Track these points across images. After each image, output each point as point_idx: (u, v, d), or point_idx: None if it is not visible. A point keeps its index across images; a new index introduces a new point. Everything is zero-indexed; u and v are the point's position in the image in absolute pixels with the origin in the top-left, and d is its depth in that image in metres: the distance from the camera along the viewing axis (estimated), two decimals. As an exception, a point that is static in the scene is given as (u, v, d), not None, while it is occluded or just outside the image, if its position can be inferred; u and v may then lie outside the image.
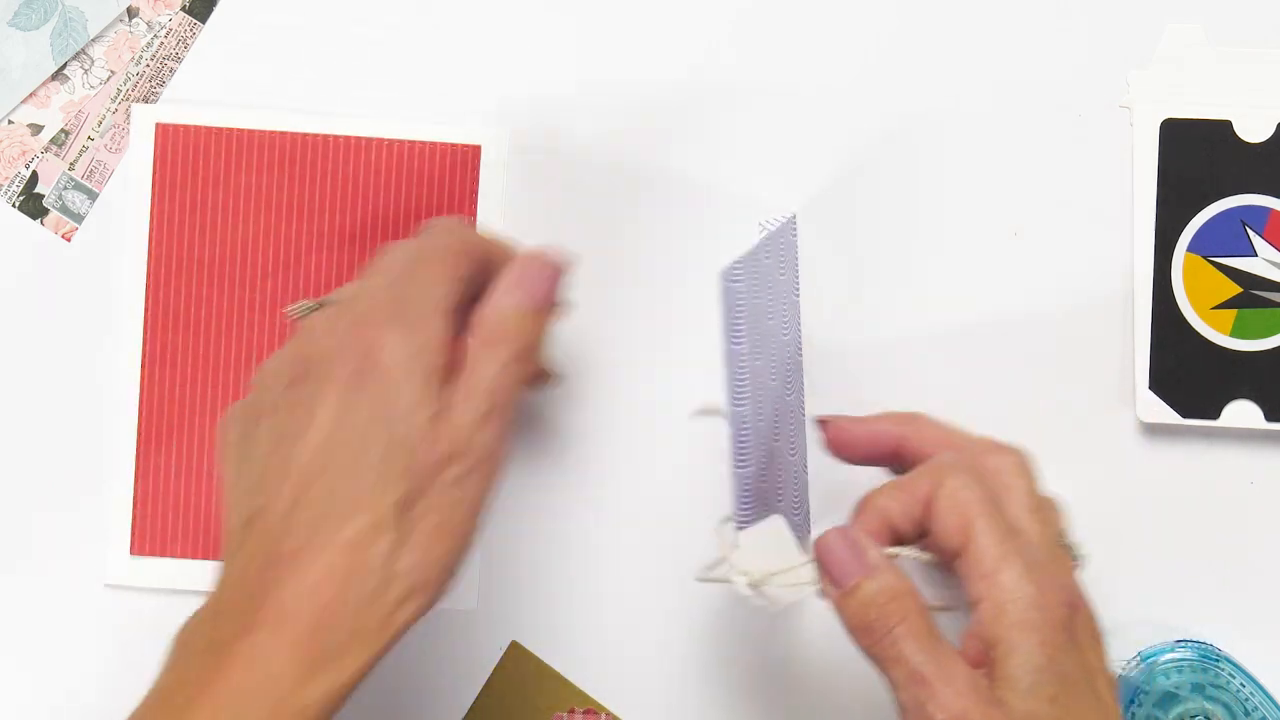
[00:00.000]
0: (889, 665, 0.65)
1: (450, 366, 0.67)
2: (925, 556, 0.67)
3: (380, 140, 0.79)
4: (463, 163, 0.79)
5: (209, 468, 0.78)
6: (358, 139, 0.78)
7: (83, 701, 0.78)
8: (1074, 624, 0.65)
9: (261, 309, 0.78)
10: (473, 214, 0.79)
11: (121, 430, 0.78)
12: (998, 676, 0.64)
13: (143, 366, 0.78)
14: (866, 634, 0.66)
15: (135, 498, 0.78)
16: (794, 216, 0.75)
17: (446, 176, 0.79)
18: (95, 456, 0.79)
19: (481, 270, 0.70)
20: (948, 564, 0.67)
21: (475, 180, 0.79)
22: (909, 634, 0.65)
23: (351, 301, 0.69)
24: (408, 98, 0.79)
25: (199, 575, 0.78)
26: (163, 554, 0.78)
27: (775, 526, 0.68)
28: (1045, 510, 0.68)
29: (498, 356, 0.68)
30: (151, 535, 0.78)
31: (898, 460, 0.71)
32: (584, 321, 0.77)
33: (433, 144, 0.79)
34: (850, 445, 0.72)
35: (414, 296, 0.67)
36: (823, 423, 0.73)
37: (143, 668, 0.78)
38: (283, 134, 0.78)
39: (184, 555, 0.79)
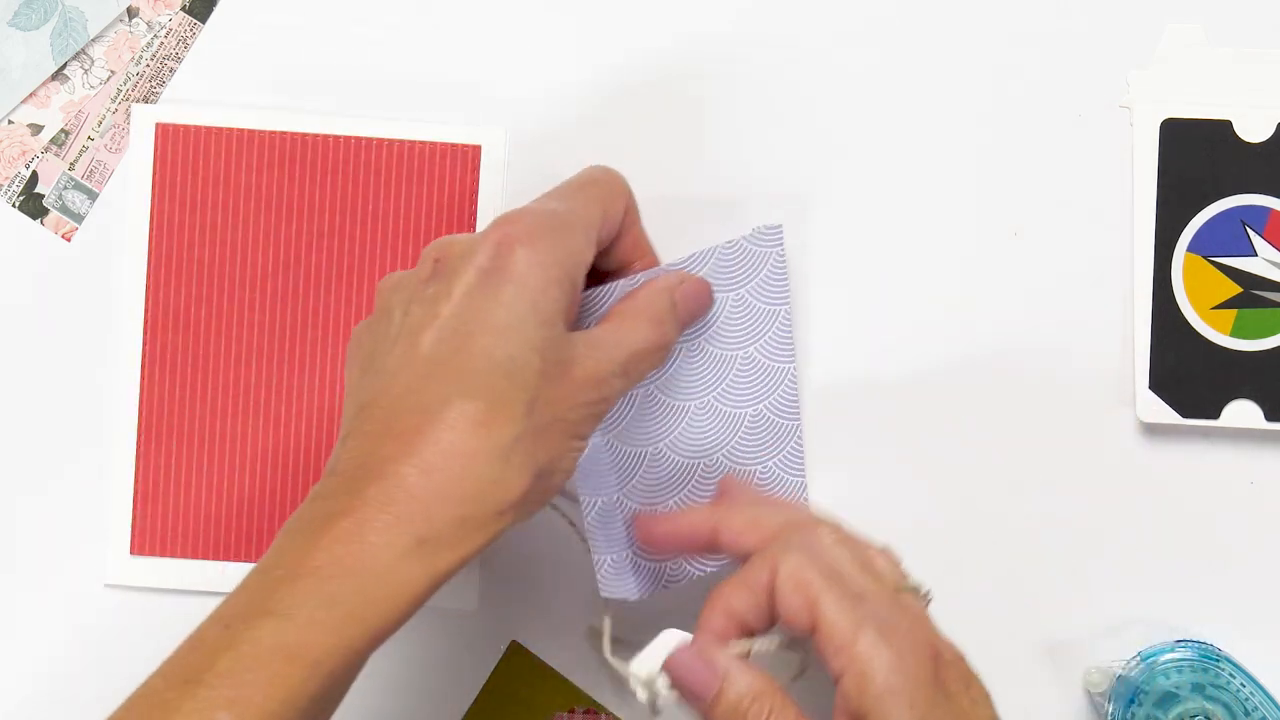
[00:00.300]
0: None
1: (580, 291, 0.68)
2: (773, 643, 0.68)
3: (380, 140, 0.79)
4: (463, 163, 0.79)
5: (209, 467, 0.78)
6: (358, 139, 0.78)
7: (83, 701, 0.78)
8: (940, 675, 0.65)
9: (261, 309, 0.78)
10: (473, 214, 0.79)
11: (121, 430, 0.78)
12: None
13: (143, 366, 0.78)
14: None
15: (135, 498, 0.78)
16: (779, 228, 0.75)
17: (446, 176, 0.79)
18: (95, 456, 0.79)
19: (624, 227, 0.71)
20: (802, 642, 0.68)
21: (475, 180, 0.79)
22: None
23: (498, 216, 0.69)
24: (408, 98, 0.79)
25: (199, 575, 0.78)
26: (163, 554, 0.78)
27: (669, 639, 0.68)
28: (876, 566, 0.68)
29: (659, 333, 0.70)
30: (151, 535, 0.78)
31: (716, 549, 0.71)
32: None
33: (433, 144, 0.79)
34: (659, 541, 0.72)
35: (561, 211, 0.67)
36: (634, 522, 0.74)
37: (143, 667, 0.78)
38: (283, 134, 0.78)
39: (184, 555, 0.78)
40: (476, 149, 0.79)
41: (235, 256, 0.79)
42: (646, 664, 0.67)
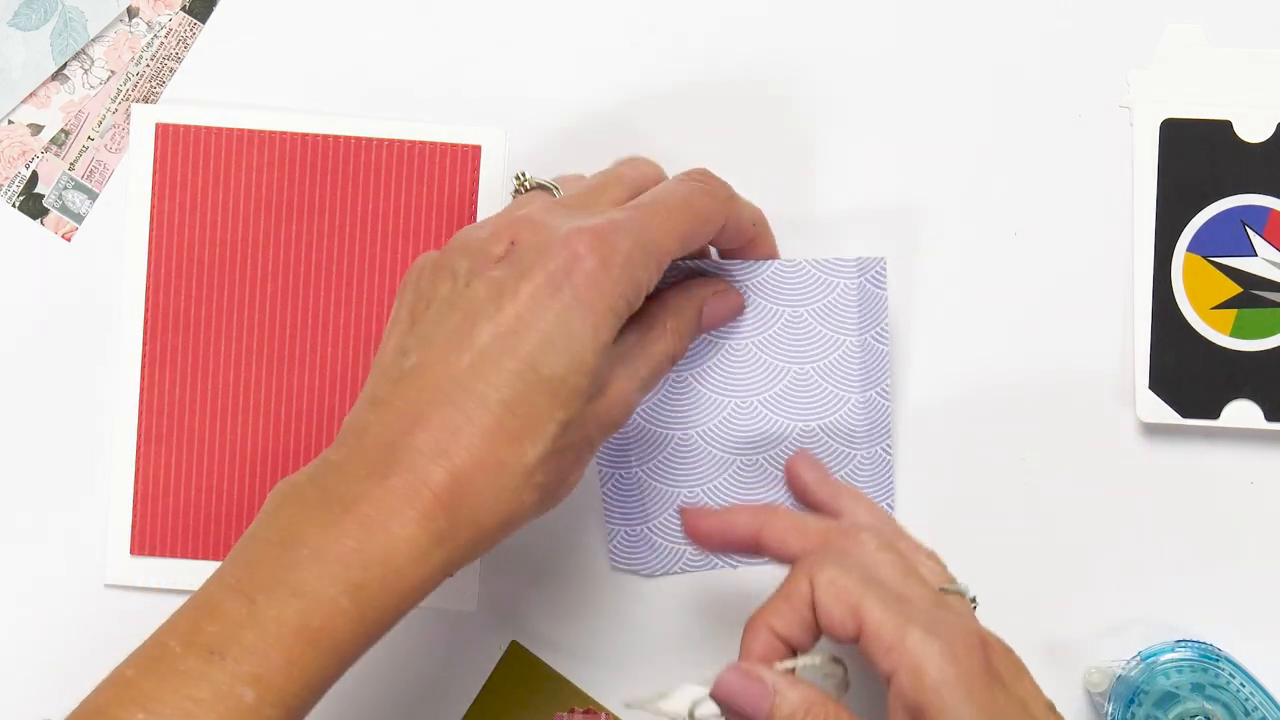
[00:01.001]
0: None
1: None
2: (817, 659, 0.67)
3: (380, 140, 0.79)
4: (463, 163, 0.79)
5: (209, 467, 0.78)
6: (358, 139, 0.78)
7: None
8: (992, 663, 0.65)
9: (261, 309, 0.78)
10: (473, 214, 0.79)
11: (121, 430, 0.78)
12: None
13: (143, 366, 0.78)
14: None
15: (135, 498, 0.78)
16: (855, 261, 0.75)
17: (446, 176, 0.79)
18: (95, 456, 0.79)
19: (726, 237, 0.72)
20: (843, 660, 0.68)
21: (475, 180, 0.79)
22: None
23: (583, 204, 0.69)
24: (408, 98, 0.79)
25: (199, 575, 0.78)
26: (163, 554, 0.78)
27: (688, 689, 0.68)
28: (919, 570, 0.68)
29: (675, 345, 0.71)
30: (151, 535, 0.78)
31: (757, 551, 0.71)
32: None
33: (433, 144, 0.79)
34: (705, 536, 0.72)
35: (643, 241, 0.67)
36: (681, 511, 0.74)
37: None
38: (283, 134, 0.78)
39: (184, 555, 0.78)
40: (476, 149, 0.79)
41: (235, 256, 0.79)
42: (676, 702, 0.66)
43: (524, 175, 0.71)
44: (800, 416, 0.76)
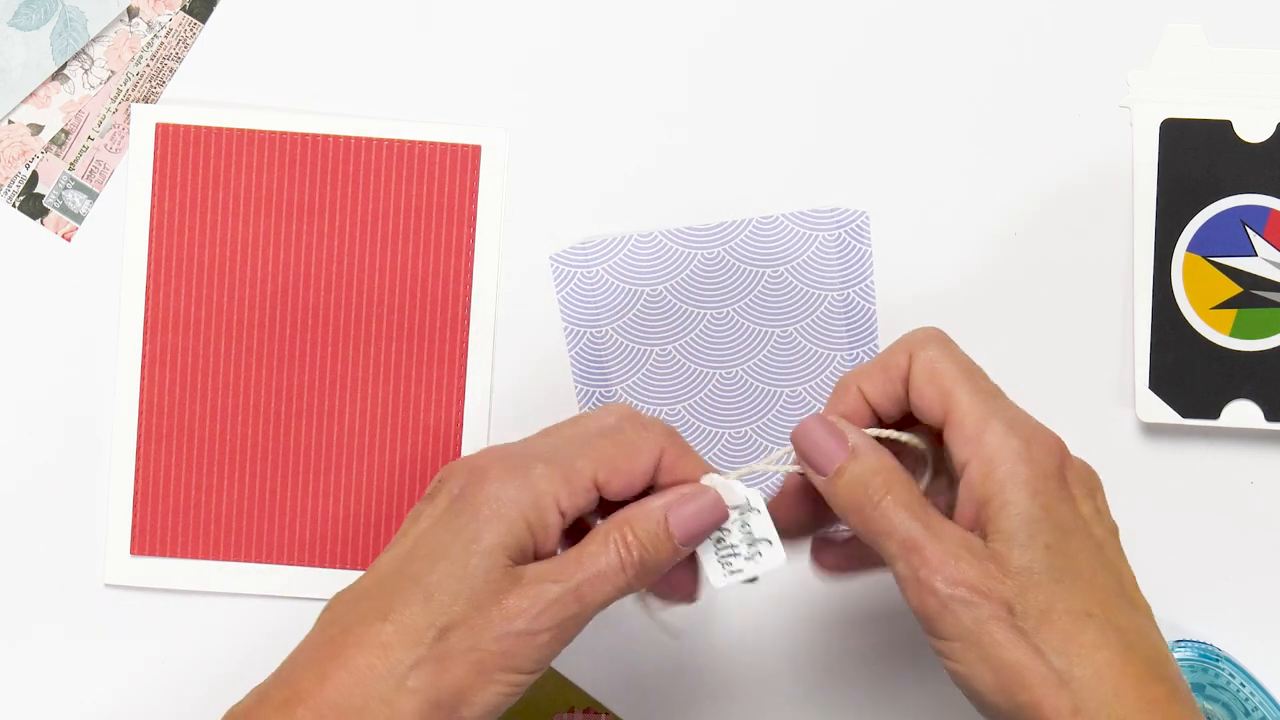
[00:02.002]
0: (882, 540, 0.65)
1: (553, 533, 0.66)
2: (905, 437, 0.67)
3: (380, 140, 0.79)
4: (463, 163, 0.79)
5: (209, 467, 0.78)
6: (358, 139, 0.78)
7: (83, 701, 0.78)
8: (1065, 474, 0.65)
9: (261, 309, 0.78)
10: (473, 214, 0.79)
11: (121, 430, 0.78)
12: (991, 533, 0.64)
13: (143, 366, 0.78)
14: (857, 513, 0.66)
15: (135, 498, 0.78)
16: (833, 211, 0.76)
17: (446, 176, 0.79)
18: (95, 456, 0.79)
19: (654, 473, 0.68)
20: (933, 437, 0.68)
21: (475, 180, 0.79)
22: (897, 504, 0.65)
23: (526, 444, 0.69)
24: (408, 98, 0.79)
25: (199, 575, 0.78)
26: (163, 554, 0.78)
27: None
28: None
29: (626, 556, 0.66)
30: (151, 535, 0.78)
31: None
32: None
33: (433, 144, 0.79)
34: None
35: (555, 457, 0.67)
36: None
37: (143, 667, 0.79)
38: (282, 134, 0.78)
39: (184, 555, 0.78)
40: (476, 149, 0.79)
41: (235, 256, 0.78)
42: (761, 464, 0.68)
43: None
44: (787, 382, 0.76)
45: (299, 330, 0.78)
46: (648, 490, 0.67)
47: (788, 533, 0.68)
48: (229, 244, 0.78)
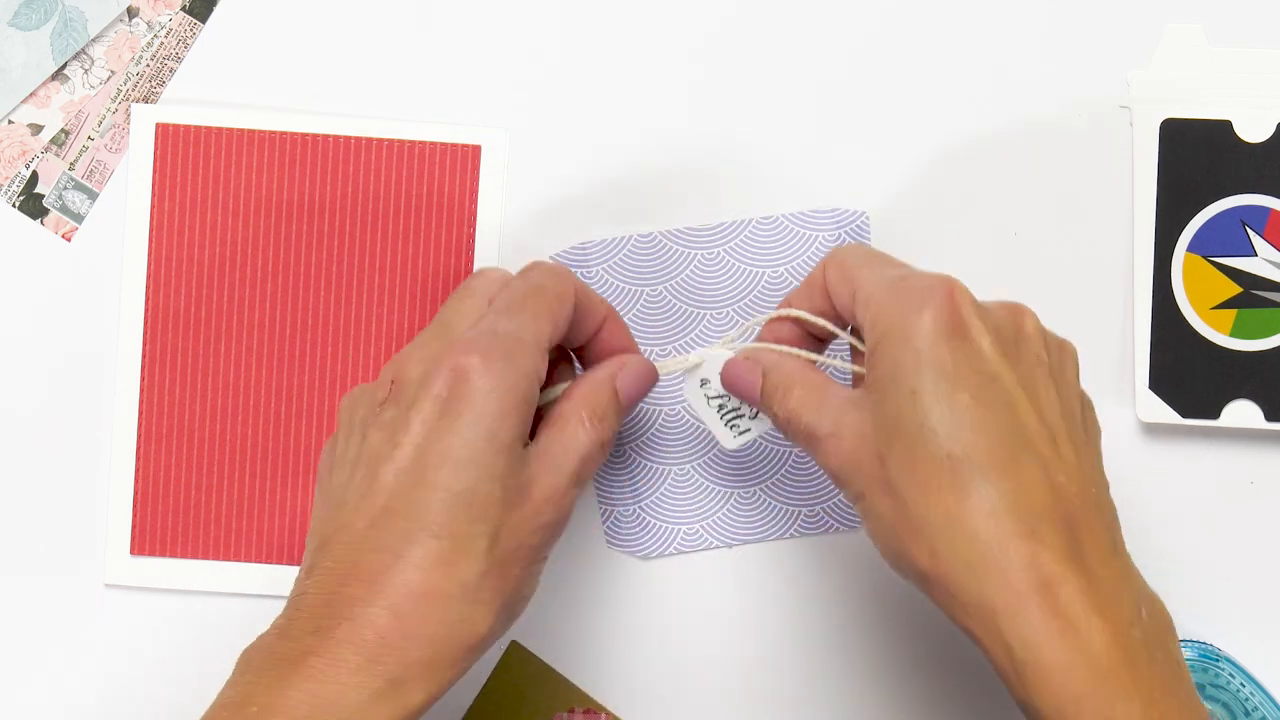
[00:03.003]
0: (801, 440, 0.68)
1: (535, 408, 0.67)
2: (822, 321, 0.71)
3: (380, 140, 0.79)
4: (463, 163, 0.79)
5: (209, 467, 0.78)
6: (358, 139, 0.78)
7: (83, 701, 0.78)
8: (958, 318, 0.64)
9: (261, 309, 0.78)
10: (473, 214, 0.79)
11: (121, 430, 0.78)
12: (868, 384, 0.65)
13: (143, 366, 0.78)
14: (783, 426, 0.69)
15: (135, 498, 0.78)
16: (834, 211, 0.76)
17: (446, 176, 0.79)
18: (95, 456, 0.79)
19: (578, 316, 0.71)
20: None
21: (475, 180, 0.79)
22: (798, 403, 0.68)
23: (446, 326, 0.69)
24: (408, 98, 0.79)
25: (199, 575, 0.78)
26: (163, 554, 0.78)
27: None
28: None
29: (599, 431, 0.69)
30: (151, 535, 0.78)
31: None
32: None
33: (433, 144, 0.79)
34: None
35: (513, 331, 0.67)
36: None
37: (143, 667, 0.79)
38: (283, 134, 0.78)
39: (184, 555, 0.79)
40: (476, 149, 0.79)
41: (235, 256, 0.79)
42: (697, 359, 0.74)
43: None
44: None
45: (299, 330, 0.78)
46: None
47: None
48: (229, 244, 0.78)
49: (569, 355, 0.74)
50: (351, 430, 0.68)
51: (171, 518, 0.79)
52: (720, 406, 0.74)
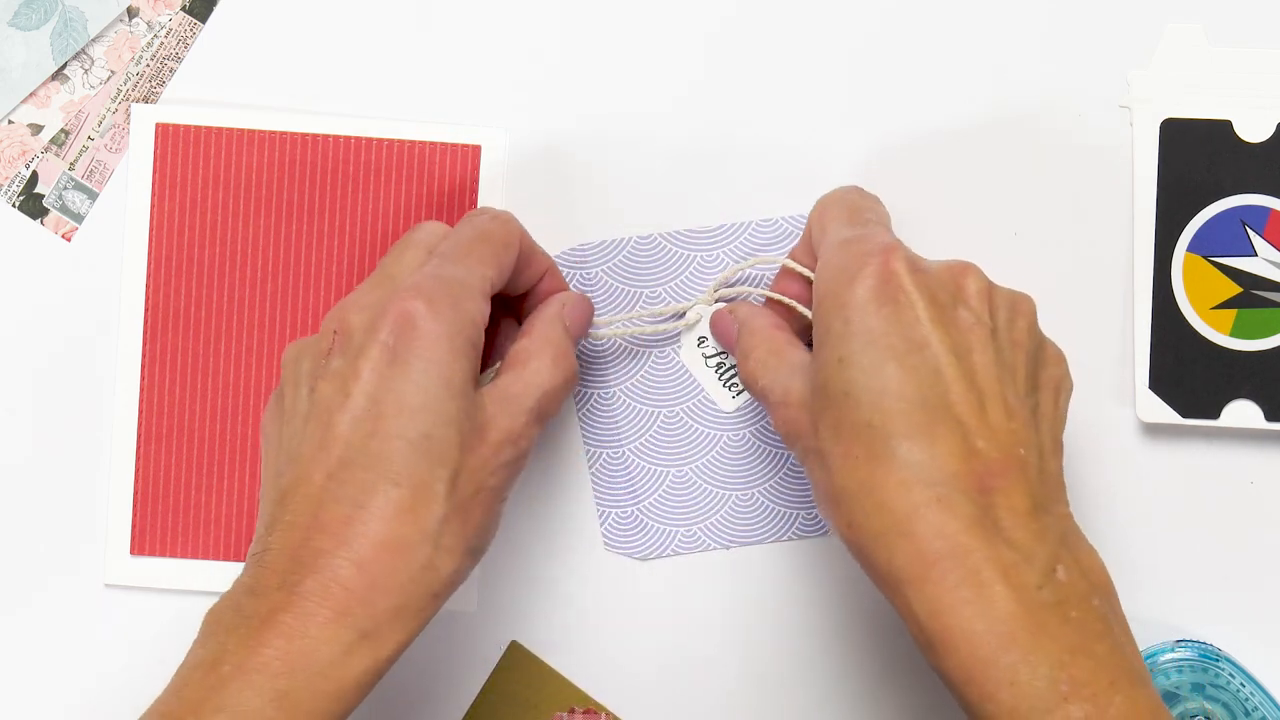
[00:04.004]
0: (761, 402, 0.70)
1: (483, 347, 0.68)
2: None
3: (380, 140, 0.79)
4: (463, 163, 0.79)
5: (209, 467, 0.78)
6: (358, 139, 0.78)
7: (83, 701, 0.78)
8: (892, 285, 0.64)
9: (261, 309, 0.78)
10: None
11: (121, 430, 0.78)
12: (814, 349, 0.66)
13: (143, 366, 0.78)
14: (749, 389, 0.71)
15: (135, 498, 0.78)
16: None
17: (446, 176, 0.79)
18: (95, 456, 0.79)
19: (521, 264, 0.72)
20: None
21: (475, 180, 0.79)
22: (758, 364, 0.69)
23: (389, 276, 0.69)
24: (408, 98, 0.79)
25: (199, 575, 0.78)
26: (163, 554, 0.78)
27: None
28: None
29: (563, 368, 0.70)
30: (151, 535, 0.78)
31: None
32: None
33: (433, 144, 0.79)
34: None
35: (458, 276, 0.67)
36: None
37: (143, 667, 0.79)
38: (283, 134, 0.78)
39: (184, 555, 0.78)
40: (476, 149, 0.79)
41: (235, 256, 0.79)
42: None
43: None
44: None
45: (299, 330, 0.78)
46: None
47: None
48: (229, 244, 0.78)
49: (511, 311, 0.75)
50: (299, 383, 0.68)
51: (171, 518, 0.79)
52: (719, 365, 0.75)
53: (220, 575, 0.78)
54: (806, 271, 0.72)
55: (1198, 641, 0.77)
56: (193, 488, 0.78)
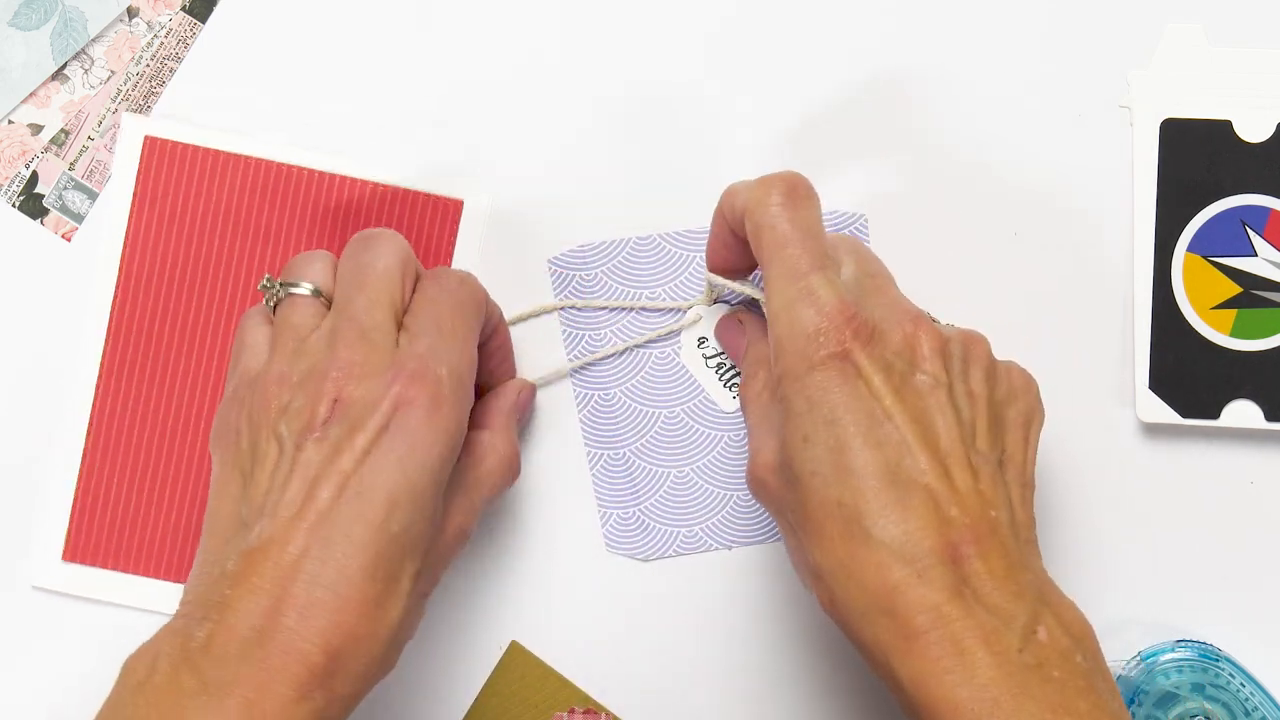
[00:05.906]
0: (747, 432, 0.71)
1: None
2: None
3: (365, 182, 0.78)
4: (443, 215, 0.78)
5: (154, 485, 0.77)
6: (344, 177, 0.78)
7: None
8: (850, 364, 0.64)
9: (226, 333, 0.78)
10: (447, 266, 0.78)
11: (70, 433, 0.78)
12: (782, 417, 0.66)
13: (100, 372, 0.78)
14: (743, 412, 0.72)
15: (75, 503, 0.77)
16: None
17: (425, 226, 0.78)
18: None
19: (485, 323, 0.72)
20: None
21: (454, 234, 0.78)
22: (755, 396, 0.70)
23: (371, 348, 0.67)
24: (407, 97, 0.79)
25: (131, 590, 0.78)
26: (95, 564, 0.78)
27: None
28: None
29: (511, 469, 0.73)
30: (87, 543, 0.77)
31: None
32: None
33: (416, 192, 0.78)
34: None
35: (454, 365, 0.67)
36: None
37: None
38: (269, 162, 0.78)
39: (117, 568, 0.77)
40: (459, 204, 0.78)
41: (207, 277, 0.78)
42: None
43: (271, 281, 0.71)
44: None
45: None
46: None
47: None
48: (201, 264, 0.78)
49: None
50: (279, 428, 0.66)
51: (109, 529, 0.77)
52: (719, 366, 0.76)
53: (154, 593, 0.77)
54: (755, 315, 0.74)
55: (1198, 641, 0.77)
56: (135, 503, 0.78)
